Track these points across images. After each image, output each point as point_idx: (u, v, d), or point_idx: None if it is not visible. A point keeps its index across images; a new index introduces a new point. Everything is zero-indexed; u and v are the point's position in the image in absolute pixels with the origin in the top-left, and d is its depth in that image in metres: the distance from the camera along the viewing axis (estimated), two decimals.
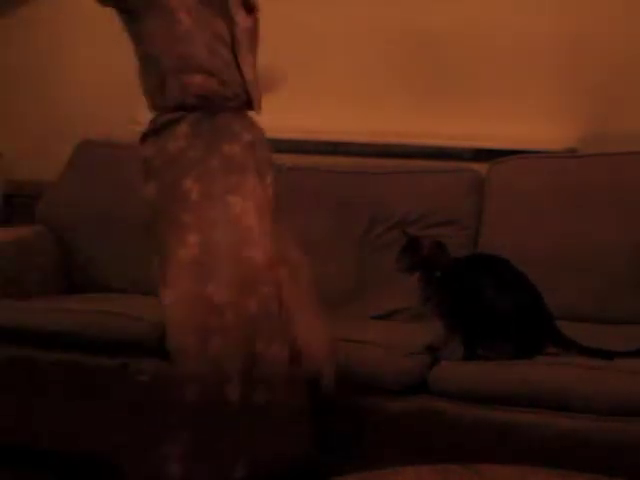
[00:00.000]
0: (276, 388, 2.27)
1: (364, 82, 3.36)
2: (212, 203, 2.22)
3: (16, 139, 3.81)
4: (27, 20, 3.73)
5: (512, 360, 2.42)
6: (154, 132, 2.25)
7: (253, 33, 2.31)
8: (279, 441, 2.31)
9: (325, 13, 3.36)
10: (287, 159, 3.29)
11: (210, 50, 2.22)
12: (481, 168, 3.09)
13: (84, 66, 3.62)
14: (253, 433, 2.25)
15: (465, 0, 3.22)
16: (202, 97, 2.23)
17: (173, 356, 2.22)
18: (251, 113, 2.34)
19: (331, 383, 2.34)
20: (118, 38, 2.31)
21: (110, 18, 2.29)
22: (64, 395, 2.81)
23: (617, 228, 2.83)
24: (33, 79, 3.76)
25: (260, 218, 2.27)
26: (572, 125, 3.12)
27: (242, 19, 2.27)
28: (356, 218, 3.08)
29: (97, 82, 3.61)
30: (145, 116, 2.33)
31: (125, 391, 2.61)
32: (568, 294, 2.81)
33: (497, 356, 2.45)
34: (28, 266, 3.22)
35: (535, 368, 2.38)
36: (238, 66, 2.26)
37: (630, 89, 3.07)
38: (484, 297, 2.48)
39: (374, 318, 2.93)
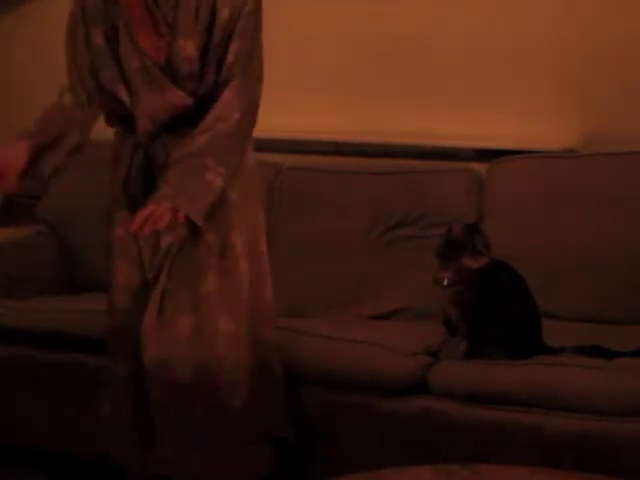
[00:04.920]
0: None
1: (364, 82, 3.36)
2: None
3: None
4: (29, 19, 3.74)
5: (512, 360, 2.43)
6: None
7: None
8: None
9: (324, 12, 3.36)
10: (287, 159, 3.29)
11: None
12: (481, 168, 3.08)
13: None
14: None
15: (466, 1, 3.22)
16: None
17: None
18: None
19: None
20: None
21: None
22: (64, 395, 2.82)
23: (617, 228, 2.83)
24: (34, 78, 3.76)
25: None
26: (572, 125, 3.12)
27: None
28: (356, 218, 3.08)
29: None
30: None
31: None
32: (568, 294, 2.81)
33: (497, 356, 2.45)
34: (28, 266, 3.23)
35: (535, 368, 2.38)
36: None
37: (630, 89, 3.07)
38: (502, 301, 2.49)
39: (374, 318, 2.94)
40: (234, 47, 2.21)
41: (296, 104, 3.37)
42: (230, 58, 2.21)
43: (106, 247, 2.41)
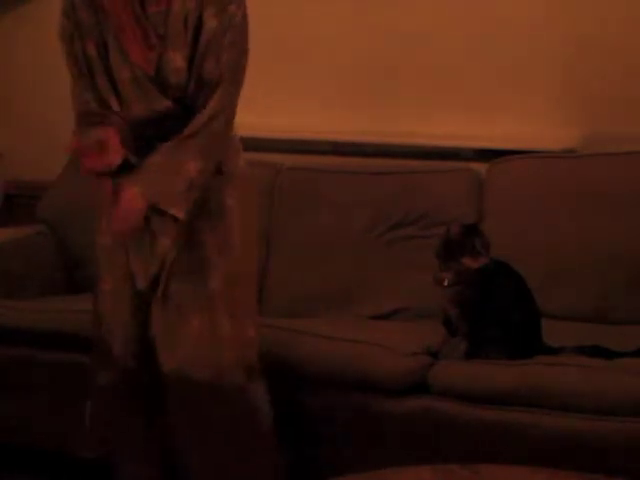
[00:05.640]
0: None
1: (364, 82, 3.36)
2: None
3: (16, 139, 3.81)
4: (29, 19, 3.74)
5: (512, 360, 2.43)
6: None
7: None
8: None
9: (324, 12, 3.36)
10: (287, 159, 3.29)
11: None
12: (481, 168, 3.08)
13: None
14: None
15: (466, 1, 3.22)
16: None
17: None
18: None
19: None
20: None
21: None
22: (64, 395, 2.82)
23: (617, 228, 2.82)
24: (34, 78, 3.76)
25: None
26: (572, 125, 3.12)
27: None
28: (356, 218, 3.08)
29: None
30: None
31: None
32: (568, 294, 2.81)
33: (497, 356, 2.45)
34: (28, 266, 3.23)
35: (535, 368, 2.38)
36: None
37: (630, 89, 3.07)
38: (502, 301, 2.49)
39: (374, 318, 2.93)
40: (224, 57, 2.21)
41: (296, 104, 3.37)
42: (220, 68, 2.21)
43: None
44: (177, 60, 2.21)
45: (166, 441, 2.35)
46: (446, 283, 2.47)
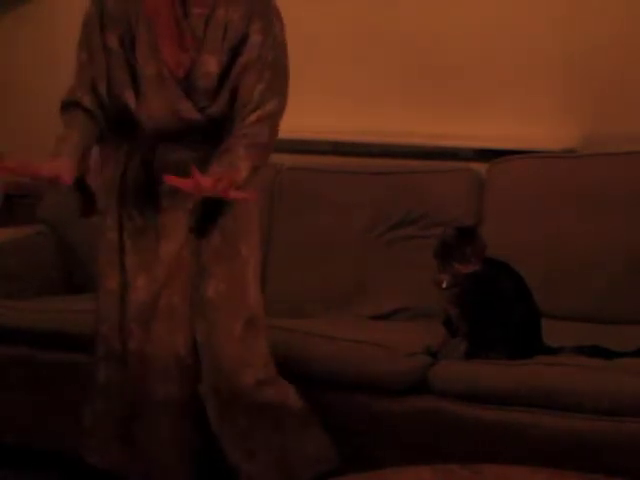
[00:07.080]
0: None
1: (364, 82, 3.36)
2: None
3: (16, 139, 3.81)
4: (29, 19, 3.74)
5: (512, 360, 2.43)
6: None
7: None
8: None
9: (324, 12, 3.36)
10: (287, 159, 3.29)
11: None
12: (481, 168, 3.09)
13: None
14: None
15: (466, 1, 3.23)
16: None
17: None
18: None
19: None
20: None
21: None
22: (64, 395, 2.82)
23: (617, 228, 2.83)
24: (34, 78, 3.76)
25: None
26: (572, 125, 3.12)
27: None
28: (356, 218, 3.08)
29: None
30: None
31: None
32: (568, 294, 2.82)
33: (497, 356, 2.45)
34: (28, 266, 3.23)
35: (535, 368, 2.38)
36: None
37: (630, 89, 3.07)
38: (502, 301, 2.49)
39: (374, 318, 2.93)
40: (267, 74, 2.24)
41: (296, 104, 3.37)
42: (263, 85, 2.24)
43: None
44: (211, 64, 2.20)
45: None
46: (444, 285, 2.47)
